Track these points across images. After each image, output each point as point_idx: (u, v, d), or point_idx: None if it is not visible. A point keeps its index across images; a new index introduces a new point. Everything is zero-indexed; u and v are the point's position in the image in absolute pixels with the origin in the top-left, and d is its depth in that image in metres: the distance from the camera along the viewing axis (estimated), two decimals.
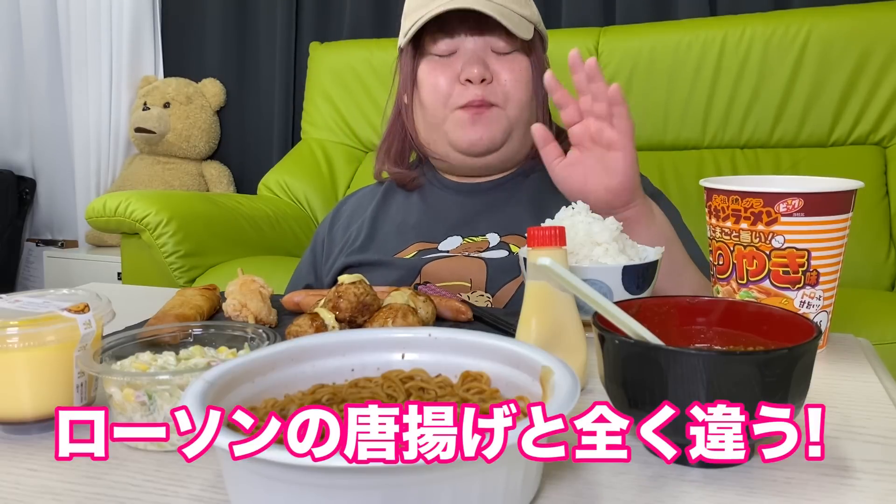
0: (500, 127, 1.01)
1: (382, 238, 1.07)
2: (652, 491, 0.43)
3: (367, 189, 1.18)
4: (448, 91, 1.01)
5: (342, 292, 0.67)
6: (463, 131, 1.01)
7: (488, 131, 1.01)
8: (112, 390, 0.50)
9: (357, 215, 1.13)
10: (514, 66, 1.02)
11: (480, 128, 1.01)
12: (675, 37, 2.02)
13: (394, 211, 1.10)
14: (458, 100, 1.00)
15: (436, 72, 1.02)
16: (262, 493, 0.37)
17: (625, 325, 0.48)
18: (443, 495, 0.36)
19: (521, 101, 1.02)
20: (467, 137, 1.01)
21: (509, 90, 1.01)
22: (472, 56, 1.00)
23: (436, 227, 1.05)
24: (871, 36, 1.86)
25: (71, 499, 0.44)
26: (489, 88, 1.00)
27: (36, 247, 2.94)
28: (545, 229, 0.57)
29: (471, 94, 0.99)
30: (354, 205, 1.16)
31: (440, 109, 1.03)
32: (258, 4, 2.69)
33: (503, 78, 1.01)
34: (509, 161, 1.07)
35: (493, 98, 1.00)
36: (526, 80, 1.02)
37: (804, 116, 1.93)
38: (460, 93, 1.00)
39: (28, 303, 0.57)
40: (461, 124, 1.01)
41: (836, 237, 0.64)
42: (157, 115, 2.65)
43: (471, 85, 0.99)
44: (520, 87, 1.02)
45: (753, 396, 0.43)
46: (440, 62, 1.02)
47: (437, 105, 1.03)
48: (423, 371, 0.49)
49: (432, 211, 1.08)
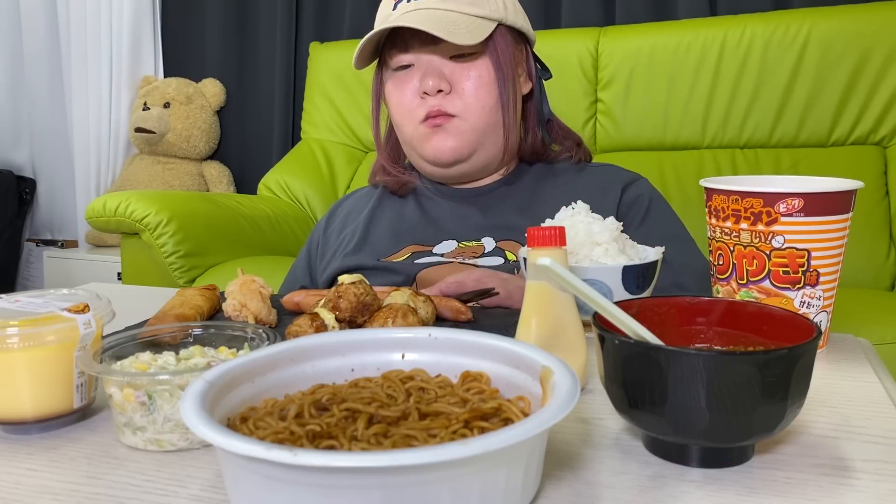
0: (461, 138, 1.00)
1: (376, 240, 1.06)
2: (652, 491, 0.43)
3: (364, 191, 1.18)
4: (410, 106, 1.01)
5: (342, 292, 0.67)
6: (427, 144, 1.01)
7: (448, 143, 1.00)
8: (112, 390, 0.50)
9: (352, 218, 1.13)
10: (473, 72, 0.99)
11: (440, 140, 1.00)
12: (675, 37, 2.02)
13: (389, 214, 1.10)
14: (418, 113, 1.00)
15: (398, 88, 1.02)
16: (262, 493, 0.37)
17: (625, 325, 0.48)
18: (443, 495, 0.36)
19: (484, 107, 0.99)
20: (431, 150, 1.01)
21: (469, 98, 0.99)
22: (428, 68, 0.99)
23: (430, 231, 1.04)
24: (871, 36, 1.86)
25: (71, 499, 0.44)
26: (448, 99, 0.98)
27: (36, 247, 2.94)
28: (545, 229, 0.57)
29: (428, 106, 0.99)
30: (349, 207, 1.16)
31: (407, 125, 1.02)
32: (258, 4, 2.69)
33: (461, 86, 0.99)
34: (489, 166, 1.05)
35: (451, 108, 0.99)
36: (488, 84, 0.99)
37: (804, 116, 1.93)
38: (420, 106, 1.00)
39: (28, 303, 0.57)
40: (425, 138, 1.01)
41: (836, 237, 0.64)
42: (157, 115, 2.65)
43: (428, 97, 0.99)
44: (481, 93, 0.99)
45: (753, 396, 0.43)
46: (402, 77, 1.02)
47: (404, 121, 1.02)
48: (423, 371, 0.49)
49: (427, 215, 1.07)
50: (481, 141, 1.01)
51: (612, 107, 2.10)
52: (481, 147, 1.02)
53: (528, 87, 1.07)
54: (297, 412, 0.43)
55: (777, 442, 0.49)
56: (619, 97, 2.09)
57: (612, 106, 2.10)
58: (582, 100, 2.12)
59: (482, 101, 0.99)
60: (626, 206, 1.02)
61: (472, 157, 1.02)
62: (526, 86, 1.07)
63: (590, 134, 2.14)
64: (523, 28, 1.03)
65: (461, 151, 1.00)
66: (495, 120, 1.00)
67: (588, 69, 2.11)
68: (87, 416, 0.56)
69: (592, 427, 0.52)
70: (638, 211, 1.02)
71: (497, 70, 0.99)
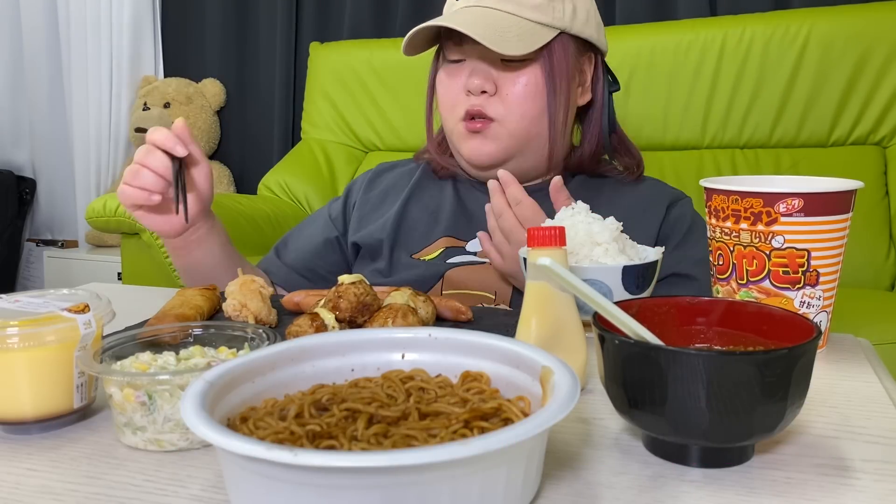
0: (498, 143, 0.99)
1: (412, 224, 1.06)
2: (652, 491, 0.43)
3: (406, 168, 1.17)
4: (454, 101, 1.00)
5: (342, 292, 0.67)
6: (464, 144, 1.01)
7: (484, 147, 0.99)
8: (112, 390, 0.50)
9: (391, 197, 1.12)
10: (522, 79, 0.97)
11: (477, 144, 0.99)
12: (675, 37, 2.02)
13: (427, 197, 1.09)
14: (459, 109, 0.99)
15: (447, 80, 1.02)
16: (262, 493, 0.37)
17: (625, 325, 0.48)
18: (443, 495, 0.36)
19: (527, 115, 0.98)
20: (467, 151, 1.01)
21: (512, 104, 0.97)
22: (476, 66, 0.98)
23: (464, 223, 1.04)
24: (871, 36, 1.86)
25: (71, 499, 0.44)
26: (490, 101, 0.97)
27: (36, 247, 2.94)
28: (545, 229, 0.57)
29: (469, 104, 0.98)
30: (391, 182, 1.14)
31: (448, 119, 1.02)
32: (258, 4, 2.69)
33: (507, 91, 0.97)
34: (529, 173, 1.04)
35: (491, 112, 0.97)
36: (534, 93, 0.97)
37: (804, 116, 1.93)
38: (463, 102, 0.99)
39: (28, 303, 0.57)
40: (463, 137, 1.01)
41: (836, 237, 0.64)
42: (158, 115, 2.65)
43: (472, 96, 0.98)
44: (525, 100, 0.97)
45: (753, 396, 0.43)
46: (453, 70, 1.01)
47: (447, 114, 1.02)
48: (423, 371, 0.49)
49: (464, 206, 1.07)
50: (520, 148, 1.00)
51: None
52: (520, 154, 1.01)
53: (586, 98, 1.05)
54: (297, 412, 0.43)
55: (777, 442, 0.49)
56: (619, 97, 2.08)
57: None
58: None
59: (524, 109, 0.97)
60: (668, 226, 1.01)
61: (509, 162, 1.01)
62: (584, 97, 1.05)
63: None
64: (592, 38, 1.01)
65: (497, 157, 1.00)
66: (538, 130, 0.99)
67: None
68: (87, 416, 0.56)
69: (592, 427, 0.52)
70: (678, 232, 1.01)
71: (548, 80, 0.97)
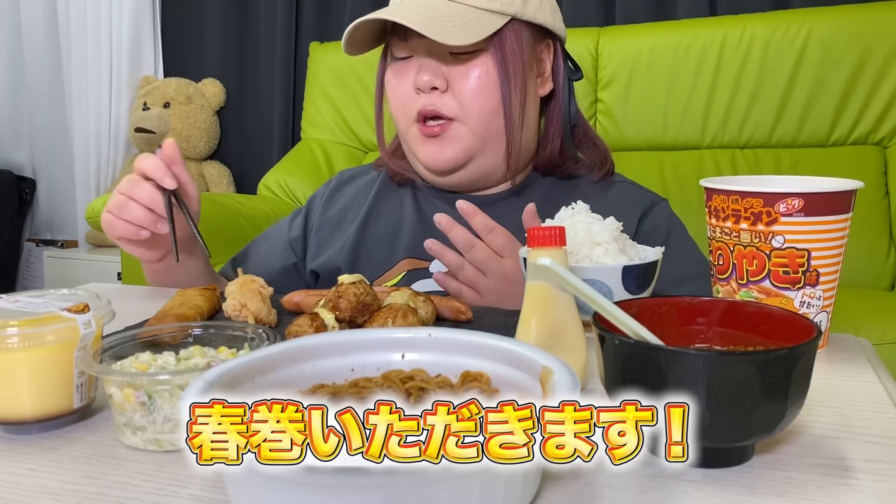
0: (459, 144, 0.92)
1: (371, 246, 0.99)
2: (652, 491, 0.43)
3: (366, 179, 1.10)
4: (405, 100, 0.93)
5: (342, 292, 0.67)
6: (420, 149, 0.94)
7: (443, 152, 0.92)
8: (112, 390, 0.50)
9: (352, 209, 1.05)
10: (474, 71, 0.90)
11: (434, 148, 0.92)
12: (675, 37, 2.02)
13: (387, 213, 1.03)
14: (412, 109, 0.92)
15: (395, 79, 0.94)
16: (262, 493, 0.37)
17: (625, 325, 0.48)
18: (442, 496, 0.36)
19: (482, 110, 0.90)
20: (423, 155, 0.93)
21: (466, 99, 0.90)
22: (425, 61, 0.91)
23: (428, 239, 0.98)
24: (871, 36, 1.86)
25: (71, 499, 0.44)
26: (442, 99, 0.90)
27: (36, 247, 2.94)
28: (545, 229, 0.57)
29: (421, 103, 0.91)
30: (350, 196, 1.08)
31: (401, 120, 0.95)
32: (258, 4, 2.69)
33: (458, 86, 0.90)
34: (490, 176, 0.97)
35: (445, 110, 0.90)
36: (488, 86, 0.90)
37: (804, 116, 1.93)
38: (414, 101, 0.92)
39: (28, 303, 0.57)
40: (419, 141, 0.93)
41: (836, 237, 0.64)
42: (157, 115, 2.65)
43: (423, 94, 0.91)
44: (480, 95, 0.90)
45: (753, 396, 0.43)
46: (400, 68, 0.94)
47: (398, 115, 0.95)
48: (423, 371, 0.49)
49: (424, 221, 0.99)
50: (480, 147, 0.93)
51: (612, 107, 2.10)
52: (480, 153, 0.93)
53: (547, 88, 0.99)
54: None
55: (777, 442, 0.49)
56: (619, 97, 2.09)
57: (612, 106, 2.10)
58: (582, 100, 2.12)
59: (479, 104, 0.90)
60: (642, 238, 0.93)
61: (469, 164, 0.94)
62: (544, 87, 0.98)
63: None
64: (547, 24, 0.94)
65: (457, 160, 0.93)
66: (496, 125, 0.92)
67: (588, 69, 2.11)
68: (87, 416, 0.56)
69: None
70: (655, 244, 0.95)
71: (501, 70, 0.90)
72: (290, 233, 1.09)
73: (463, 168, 0.94)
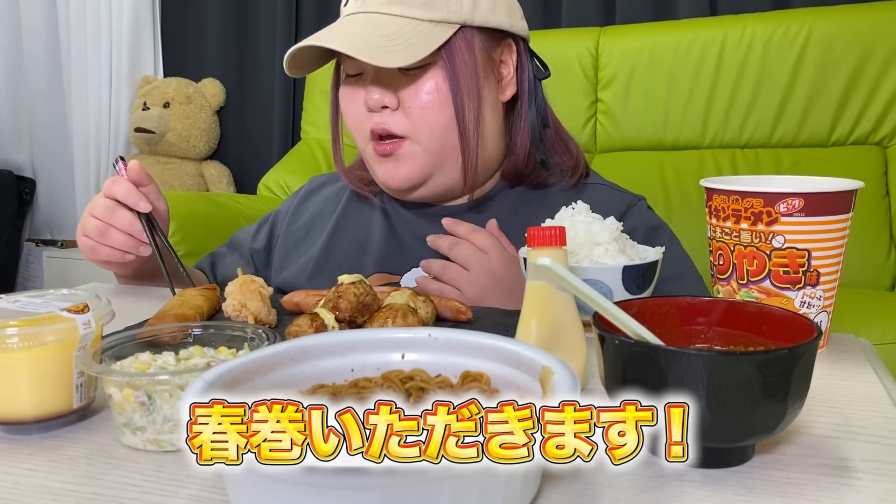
0: (414, 163, 0.88)
1: (340, 259, 0.97)
2: (652, 491, 0.43)
3: (335, 187, 1.07)
4: (358, 118, 0.90)
5: (342, 292, 0.67)
6: (377, 167, 0.91)
7: (399, 170, 0.89)
8: (112, 390, 0.50)
9: (319, 221, 1.03)
10: (425, 87, 0.85)
11: (390, 167, 0.89)
12: (675, 37, 2.02)
13: (355, 225, 1.00)
14: (365, 129, 0.89)
15: (347, 97, 0.91)
16: (262, 493, 0.37)
17: (625, 325, 0.48)
18: (442, 496, 0.36)
19: (433, 128, 0.86)
20: (380, 174, 0.91)
21: (416, 117, 0.86)
22: (374, 79, 0.87)
23: (398, 256, 0.94)
24: (871, 36, 1.86)
25: (70, 499, 0.44)
26: (393, 117, 0.87)
27: (36, 247, 2.94)
28: (545, 229, 0.57)
29: (373, 122, 0.88)
30: (321, 203, 1.05)
31: (358, 139, 0.92)
32: (258, 4, 2.69)
33: (409, 103, 0.86)
34: (452, 191, 0.93)
35: (396, 128, 0.87)
36: (439, 102, 0.85)
37: (804, 116, 1.93)
38: (367, 120, 0.89)
39: (28, 303, 0.57)
40: (375, 160, 0.91)
41: (836, 237, 0.64)
42: (157, 115, 2.65)
43: (374, 113, 0.88)
44: (430, 111, 0.86)
45: (753, 397, 0.43)
46: (352, 85, 0.90)
47: (355, 133, 0.92)
48: (423, 371, 0.49)
49: (395, 234, 0.97)
50: (438, 163, 0.89)
51: (612, 107, 2.10)
52: (438, 170, 0.90)
53: (509, 93, 0.93)
54: None
55: (777, 442, 0.49)
56: (619, 97, 2.09)
57: (612, 106, 2.10)
58: (582, 100, 2.12)
59: (431, 121, 0.86)
60: None
61: (429, 181, 0.91)
62: (506, 92, 0.93)
63: (590, 134, 2.14)
64: (503, 25, 0.89)
65: (414, 179, 0.90)
66: (451, 141, 0.87)
67: (588, 69, 2.11)
68: (87, 416, 0.56)
69: None
70: None
71: (452, 84, 0.85)
72: (253, 243, 1.09)
73: (423, 185, 0.91)
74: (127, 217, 0.88)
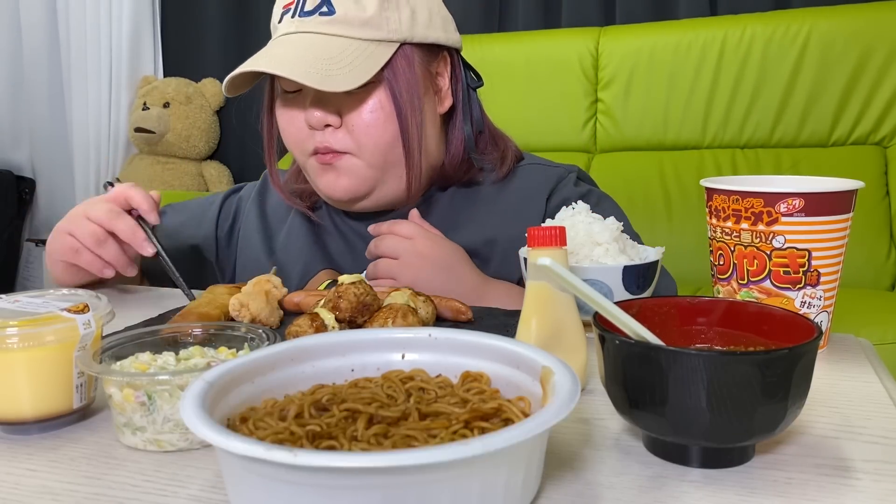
0: (355, 176, 0.88)
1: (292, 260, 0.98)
2: (652, 491, 0.43)
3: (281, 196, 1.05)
4: (299, 136, 0.89)
5: (342, 292, 0.67)
6: (319, 179, 0.90)
7: (340, 181, 0.89)
8: (112, 390, 0.50)
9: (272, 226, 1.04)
10: (366, 105, 0.85)
11: (331, 177, 0.89)
12: (675, 37, 2.02)
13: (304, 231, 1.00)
14: (307, 146, 0.88)
15: (287, 114, 0.90)
16: (262, 494, 0.37)
17: (625, 325, 0.48)
18: (443, 496, 0.36)
19: (377, 145, 0.86)
20: (322, 185, 0.91)
21: (360, 135, 0.86)
22: (314, 98, 0.86)
23: (349, 257, 0.97)
24: (871, 36, 1.86)
25: (70, 499, 0.44)
26: (336, 135, 0.86)
27: (35, 247, 2.94)
28: (545, 229, 0.57)
29: (316, 140, 0.87)
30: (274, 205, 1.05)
31: (298, 155, 0.92)
32: (258, 4, 2.69)
33: (352, 122, 0.86)
34: (394, 202, 0.93)
35: (340, 146, 0.86)
36: (383, 119, 0.85)
37: (804, 116, 1.93)
38: (308, 138, 0.88)
39: (27, 303, 0.57)
40: (317, 172, 0.90)
41: (836, 237, 0.64)
42: (157, 115, 2.65)
43: (316, 131, 0.87)
44: (374, 129, 0.85)
45: (754, 397, 0.43)
46: (290, 101, 0.89)
47: (294, 150, 0.92)
48: (423, 371, 0.49)
49: (344, 237, 0.98)
50: (379, 178, 0.89)
51: (612, 107, 2.10)
52: (381, 184, 0.90)
53: (447, 105, 0.94)
54: (297, 412, 0.43)
55: (777, 442, 0.49)
56: (619, 97, 2.09)
57: (612, 106, 2.10)
58: (582, 100, 2.12)
59: (375, 139, 0.86)
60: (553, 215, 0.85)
61: (371, 194, 0.91)
62: (444, 104, 0.94)
63: (590, 134, 2.14)
64: (440, 40, 0.90)
65: (356, 191, 0.90)
66: (394, 156, 0.88)
67: (588, 69, 2.11)
68: (87, 416, 0.56)
69: (593, 427, 0.52)
70: None
71: (395, 102, 0.85)
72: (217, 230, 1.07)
73: (366, 198, 0.92)
74: (129, 223, 0.87)
